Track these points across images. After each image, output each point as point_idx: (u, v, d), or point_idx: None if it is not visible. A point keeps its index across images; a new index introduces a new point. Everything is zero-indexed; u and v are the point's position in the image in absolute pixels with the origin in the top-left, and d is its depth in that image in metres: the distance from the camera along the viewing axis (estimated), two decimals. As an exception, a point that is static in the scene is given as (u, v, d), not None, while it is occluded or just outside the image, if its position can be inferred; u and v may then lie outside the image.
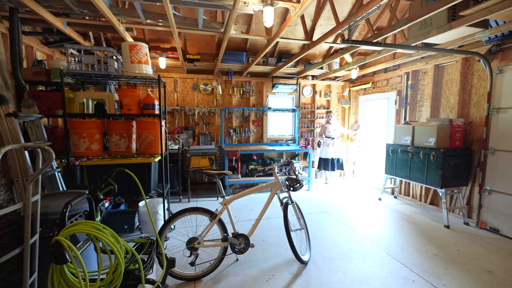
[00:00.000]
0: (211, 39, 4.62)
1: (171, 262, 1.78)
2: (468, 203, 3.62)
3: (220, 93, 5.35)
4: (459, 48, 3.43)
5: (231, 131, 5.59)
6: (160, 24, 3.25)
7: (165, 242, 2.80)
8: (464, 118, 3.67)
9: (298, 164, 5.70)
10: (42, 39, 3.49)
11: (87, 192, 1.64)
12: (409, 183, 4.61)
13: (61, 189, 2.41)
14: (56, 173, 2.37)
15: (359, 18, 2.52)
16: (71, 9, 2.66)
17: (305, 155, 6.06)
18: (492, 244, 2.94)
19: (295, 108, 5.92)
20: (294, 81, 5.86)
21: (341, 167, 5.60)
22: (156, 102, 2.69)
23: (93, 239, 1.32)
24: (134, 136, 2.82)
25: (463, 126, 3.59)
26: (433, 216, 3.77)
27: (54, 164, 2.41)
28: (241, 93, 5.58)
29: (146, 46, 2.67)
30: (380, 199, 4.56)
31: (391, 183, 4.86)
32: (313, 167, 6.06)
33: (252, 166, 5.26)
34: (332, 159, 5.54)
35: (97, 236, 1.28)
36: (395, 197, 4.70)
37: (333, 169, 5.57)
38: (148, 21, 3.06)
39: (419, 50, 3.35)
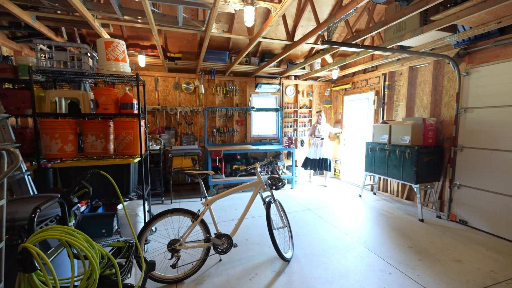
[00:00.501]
0: (193, 38, 4.55)
1: (151, 265, 1.74)
2: (440, 197, 3.84)
3: (203, 92, 5.28)
4: (430, 51, 3.62)
5: (215, 130, 5.55)
6: (138, 21, 3.15)
7: (145, 245, 2.73)
8: (436, 117, 3.89)
9: (281, 163, 5.77)
10: (8, 34, 3.27)
11: (59, 195, 1.56)
12: (387, 179, 4.81)
13: (31, 193, 2.27)
14: (25, 176, 2.23)
15: (337, 20, 2.59)
16: (40, 2, 2.51)
17: (289, 154, 6.14)
18: (461, 235, 3.14)
19: (279, 107, 5.97)
20: (277, 81, 5.91)
21: (328, 167, 5.44)
22: (135, 101, 2.61)
23: (65, 244, 1.26)
24: (111, 137, 2.72)
25: (435, 124, 3.80)
26: (409, 211, 3.96)
27: (24, 166, 2.27)
28: (224, 92, 5.55)
29: (123, 43, 2.58)
30: (360, 196, 4.72)
31: (370, 180, 5.05)
32: (296, 166, 6.16)
33: (236, 166, 5.25)
34: (320, 159, 5.44)
35: (69, 241, 1.23)
36: (374, 194, 4.89)
37: (320, 170, 5.51)
38: (126, 17, 2.96)
39: (394, 52, 3.50)
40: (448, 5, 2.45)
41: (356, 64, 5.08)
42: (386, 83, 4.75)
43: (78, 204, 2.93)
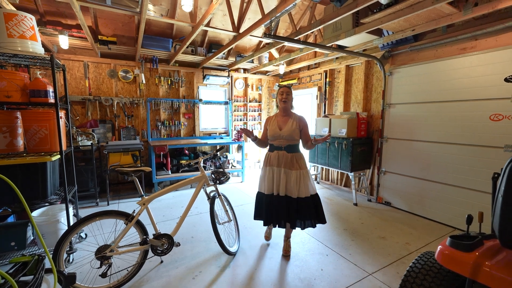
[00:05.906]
0: (130, 20, 4.09)
1: (70, 278, 1.51)
2: (371, 183, 4.34)
3: (144, 82, 4.83)
4: (363, 52, 3.99)
5: (159, 124, 5.16)
6: (55, -7, 2.66)
7: (70, 254, 2.38)
8: (367, 112, 4.34)
9: (232, 157, 5.73)
10: None
11: None
12: (328, 169, 5.22)
13: None
14: None
15: (279, 14, 2.62)
16: None
17: (239, 148, 6.13)
18: (386, 215, 3.61)
19: (228, 100, 5.88)
20: (225, 73, 5.79)
21: (319, 217, 2.41)
22: (50, 88, 2.21)
23: None
24: (20, 130, 2.26)
25: (367, 118, 4.24)
26: (346, 197, 4.37)
27: None
28: (169, 83, 5.19)
29: (32, 17, 2.14)
30: (305, 186, 5.01)
31: (314, 170, 5.40)
32: (246, 158, 6.20)
33: (183, 161, 5.01)
34: (289, 198, 2.35)
35: None
36: (318, 183, 5.26)
37: (294, 225, 2.38)
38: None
39: (333, 51, 3.75)
40: (375, 10, 2.71)
41: (301, 60, 5.31)
42: (327, 79, 5.09)
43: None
